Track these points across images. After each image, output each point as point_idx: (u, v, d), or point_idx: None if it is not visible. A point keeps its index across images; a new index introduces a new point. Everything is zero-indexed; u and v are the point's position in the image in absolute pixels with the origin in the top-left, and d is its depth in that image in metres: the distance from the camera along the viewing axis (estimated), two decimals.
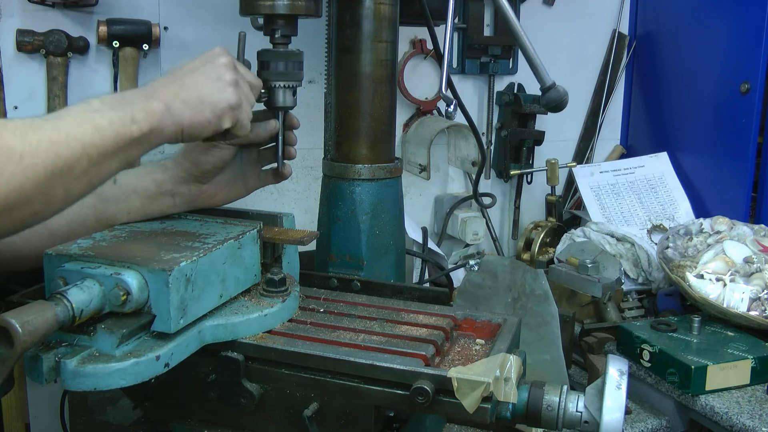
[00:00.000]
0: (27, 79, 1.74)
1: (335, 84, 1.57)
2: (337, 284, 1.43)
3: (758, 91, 2.08)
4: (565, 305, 1.92)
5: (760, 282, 1.75)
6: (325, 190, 1.61)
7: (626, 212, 2.34)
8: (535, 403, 1.07)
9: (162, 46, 1.85)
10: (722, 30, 2.21)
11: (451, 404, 1.00)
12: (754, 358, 1.59)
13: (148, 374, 0.98)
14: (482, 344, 1.22)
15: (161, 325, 1.00)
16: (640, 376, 1.67)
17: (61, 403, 1.40)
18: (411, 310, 1.29)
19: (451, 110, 1.46)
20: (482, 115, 2.38)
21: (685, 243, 2.00)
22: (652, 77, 2.53)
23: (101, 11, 1.77)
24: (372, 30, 1.50)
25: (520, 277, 1.49)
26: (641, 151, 2.53)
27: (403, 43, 2.17)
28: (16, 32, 1.70)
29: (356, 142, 1.55)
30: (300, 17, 1.35)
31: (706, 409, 1.53)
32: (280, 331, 1.16)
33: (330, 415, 1.09)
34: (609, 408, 1.03)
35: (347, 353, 1.08)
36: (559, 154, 2.40)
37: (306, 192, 2.13)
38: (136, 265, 0.99)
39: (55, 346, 0.97)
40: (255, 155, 1.30)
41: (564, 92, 1.55)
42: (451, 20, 1.46)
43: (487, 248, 2.41)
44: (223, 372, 1.11)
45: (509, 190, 2.47)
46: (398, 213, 1.61)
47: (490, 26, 2.33)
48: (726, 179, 2.22)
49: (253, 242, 1.19)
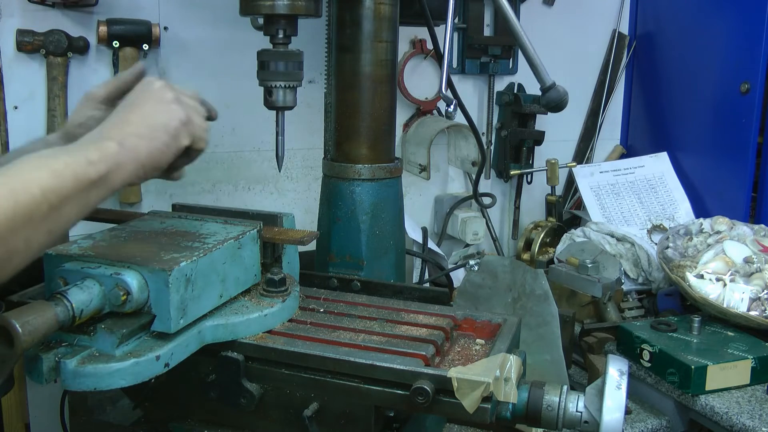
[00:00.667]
0: (27, 79, 1.74)
1: (335, 84, 1.57)
2: (337, 284, 1.43)
3: (758, 91, 2.08)
4: (565, 305, 1.92)
5: (760, 282, 1.75)
6: (325, 190, 1.61)
7: (626, 212, 2.34)
8: (535, 403, 1.07)
9: (162, 46, 1.85)
10: (722, 30, 2.21)
11: (451, 404, 1.00)
12: (754, 358, 1.59)
13: (148, 374, 0.98)
14: (482, 344, 1.22)
15: (161, 325, 1.00)
16: (640, 376, 1.67)
17: (61, 403, 1.40)
18: (411, 310, 1.29)
19: (451, 110, 1.46)
20: (482, 115, 2.38)
21: (685, 243, 2.00)
22: (652, 77, 2.53)
23: (101, 11, 1.77)
24: (372, 30, 1.50)
25: (520, 277, 1.50)
26: (641, 151, 2.53)
27: (403, 43, 2.17)
28: (16, 32, 1.70)
29: (356, 142, 1.55)
30: (300, 17, 1.35)
31: (706, 409, 1.53)
32: (280, 331, 1.16)
33: (330, 415, 1.09)
34: (609, 408, 1.04)
35: (347, 353, 1.08)
36: (559, 154, 2.40)
37: (306, 192, 2.13)
38: (136, 265, 0.99)
39: (55, 346, 0.97)
40: None
41: (564, 92, 1.56)
42: (451, 20, 1.46)
43: (487, 248, 2.41)
44: (223, 372, 1.11)
45: (509, 190, 2.47)
46: (398, 213, 1.61)
47: (490, 26, 2.33)
48: (726, 179, 2.22)
49: (253, 242, 1.19)
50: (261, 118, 1.41)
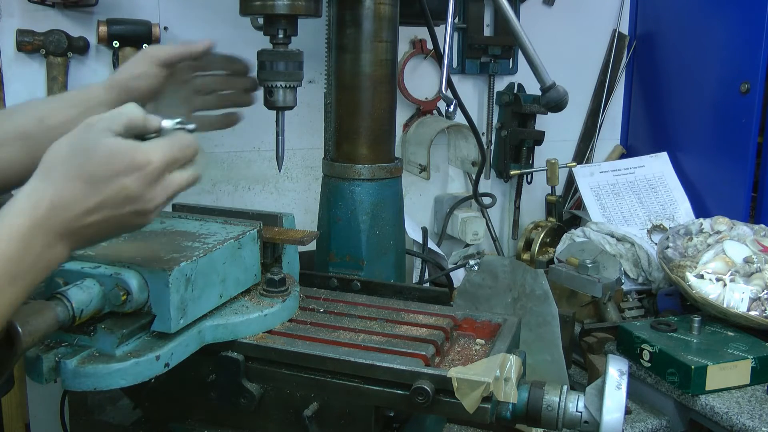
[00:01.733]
0: (27, 79, 1.73)
1: (335, 84, 1.57)
2: (337, 284, 1.43)
3: (758, 91, 2.08)
4: (565, 305, 1.92)
5: (760, 282, 1.75)
6: (325, 190, 1.61)
7: (626, 212, 2.34)
8: (535, 403, 1.07)
9: None
10: (722, 30, 2.21)
11: (451, 404, 1.00)
12: (754, 358, 1.59)
13: (148, 374, 0.98)
14: (482, 344, 1.22)
15: (161, 325, 1.00)
16: (640, 376, 1.67)
17: (61, 403, 1.40)
18: (411, 310, 1.29)
19: (451, 110, 1.46)
20: (482, 115, 2.37)
21: (685, 243, 2.00)
22: (652, 77, 2.53)
23: (101, 11, 1.76)
24: (372, 30, 1.50)
25: (520, 277, 1.50)
26: (641, 151, 2.53)
27: (403, 43, 2.17)
28: (16, 32, 1.69)
29: (356, 142, 1.55)
30: (300, 17, 1.35)
31: (706, 409, 1.53)
32: (280, 331, 1.16)
33: (330, 415, 1.09)
34: (609, 408, 1.04)
35: (347, 353, 1.08)
36: (559, 154, 2.39)
37: (306, 192, 2.13)
38: (136, 265, 0.99)
39: (55, 346, 0.97)
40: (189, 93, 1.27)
41: (564, 92, 1.55)
42: (451, 20, 1.46)
43: (487, 248, 2.41)
44: (223, 372, 1.11)
45: (509, 190, 2.47)
46: (398, 213, 1.61)
47: (490, 26, 2.33)
48: (726, 179, 2.22)
49: (253, 242, 1.19)
50: (261, 118, 1.41)
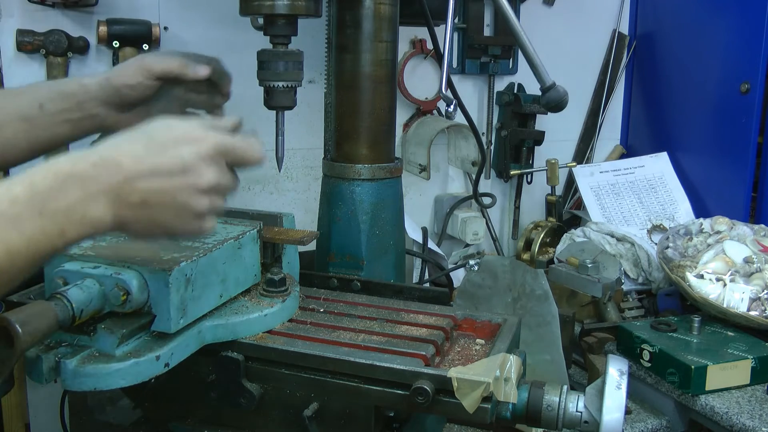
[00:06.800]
0: (27, 79, 1.73)
1: (335, 84, 1.57)
2: (337, 284, 1.43)
3: (758, 91, 2.07)
4: (565, 305, 1.92)
5: (760, 282, 1.75)
6: (325, 190, 1.61)
7: (626, 212, 2.34)
8: (535, 403, 1.07)
9: (162, 46, 1.85)
10: (722, 30, 2.21)
11: (451, 404, 1.00)
12: (754, 358, 1.59)
13: (148, 374, 0.98)
14: (482, 344, 1.22)
15: (161, 325, 1.00)
16: (640, 376, 1.67)
17: (61, 403, 1.40)
18: (411, 310, 1.29)
19: (451, 110, 1.46)
20: (482, 115, 2.37)
21: (685, 243, 2.00)
22: (652, 77, 2.53)
23: (101, 11, 1.76)
24: (372, 30, 1.50)
25: (520, 277, 1.50)
26: (641, 151, 2.53)
27: (403, 43, 2.17)
28: (16, 32, 1.69)
29: (356, 142, 1.55)
30: (300, 17, 1.35)
31: (706, 409, 1.53)
32: (280, 331, 1.16)
33: (330, 415, 1.09)
34: (609, 408, 1.04)
35: (347, 353, 1.08)
36: (559, 154, 2.39)
37: (306, 192, 2.13)
38: (136, 265, 0.99)
39: (55, 346, 0.97)
40: (181, 92, 1.27)
41: (564, 92, 1.55)
42: (451, 20, 1.46)
43: (487, 248, 2.41)
44: (223, 372, 1.11)
45: (509, 190, 2.47)
46: (398, 213, 1.61)
47: (490, 26, 2.33)
48: (726, 179, 2.22)
49: (253, 242, 1.19)
50: (261, 118, 1.41)
